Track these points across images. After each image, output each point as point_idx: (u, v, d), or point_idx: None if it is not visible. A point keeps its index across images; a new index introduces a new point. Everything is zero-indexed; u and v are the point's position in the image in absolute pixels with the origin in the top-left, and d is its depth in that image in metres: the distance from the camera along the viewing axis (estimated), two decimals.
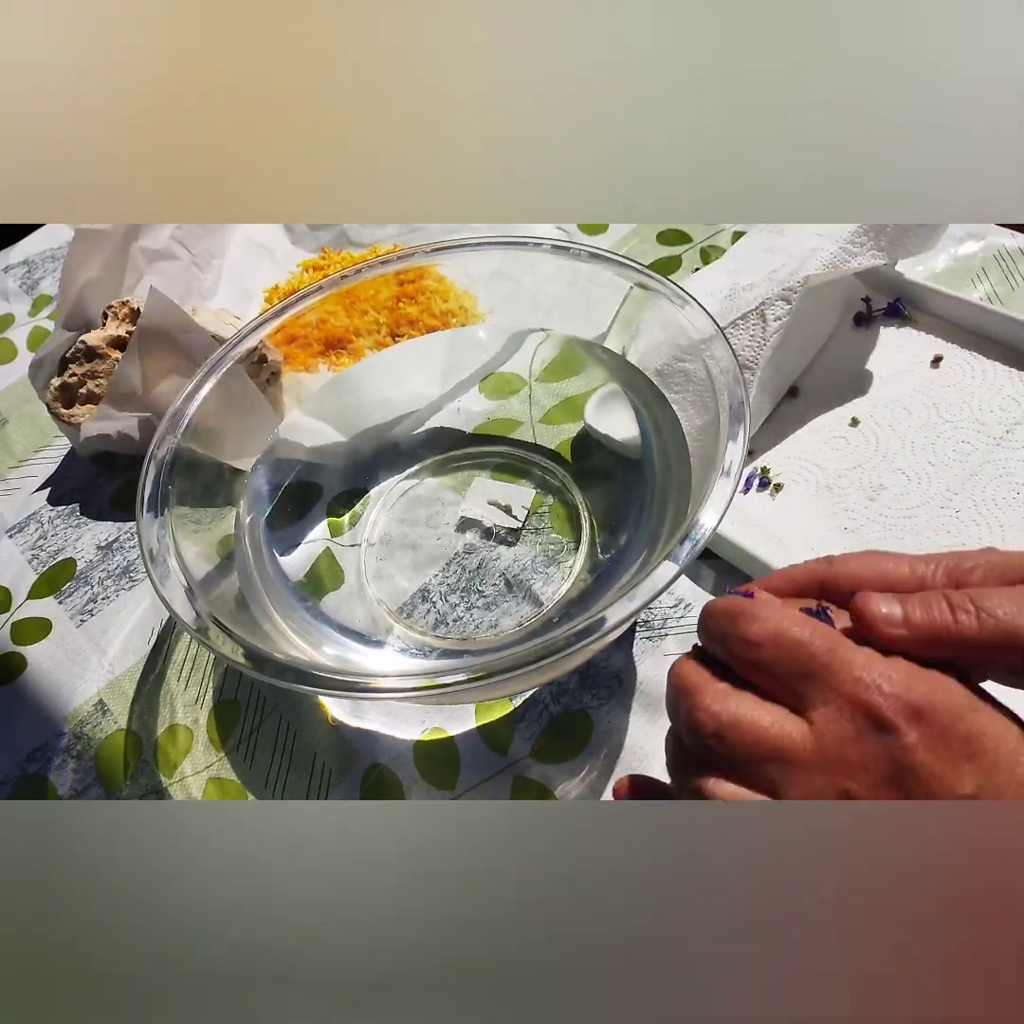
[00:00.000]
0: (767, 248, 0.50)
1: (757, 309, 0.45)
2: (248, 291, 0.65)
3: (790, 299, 0.44)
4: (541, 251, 0.46)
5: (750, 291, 0.46)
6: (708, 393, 0.38)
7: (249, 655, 0.33)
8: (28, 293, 0.71)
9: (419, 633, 0.43)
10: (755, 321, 0.44)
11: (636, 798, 0.29)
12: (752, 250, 0.52)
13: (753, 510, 0.46)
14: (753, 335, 0.44)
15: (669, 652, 0.42)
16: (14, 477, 0.57)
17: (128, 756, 0.43)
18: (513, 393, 0.52)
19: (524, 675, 0.31)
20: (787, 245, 0.49)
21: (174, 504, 0.39)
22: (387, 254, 0.49)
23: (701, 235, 0.63)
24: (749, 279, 0.47)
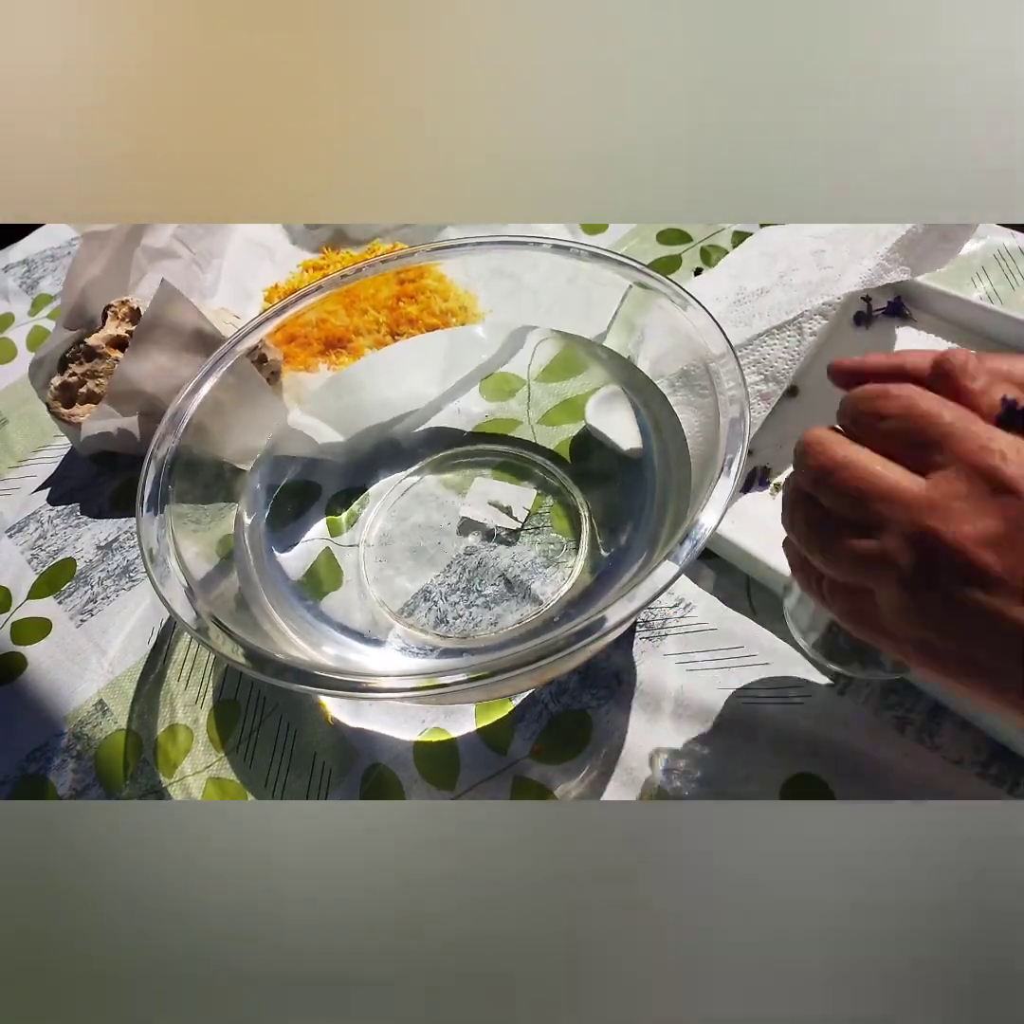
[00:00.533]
0: (761, 252, 0.50)
1: (794, 321, 0.44)
2: (248, 291, 0.65)
3: (827, 314, 0.43)
4: (541, 250, 0.46)
5: (765, 296, 0.45)
6: (708, 393, 0.38)
7: (249, 655, 0.33)
8: (28, 292, 0.71)
9: (419, 631, 0.44)
10: (791, 333, 0.44)
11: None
12: (747, 254, 0.52)
13: (753, 510, 0.46)
14: (788, 347, 0.44)
15: (669, 652, 0.42)
16: (14, 477, 0.57)
17: (128, 756, 0.43)
18: (512, 393, 0.52)
19: (524, 675, 0.31)
20: (783, 246, 0.49)
21: (174, 503, 0.39)
22: (387, 253, 0.49)
23: (701, 235, 0.63)
24: (757, 283, 0.47)
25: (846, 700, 0.39)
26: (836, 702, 0.39)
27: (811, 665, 0.40)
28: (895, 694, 0.39)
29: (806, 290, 0.44)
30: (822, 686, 0.40)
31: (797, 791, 0.37)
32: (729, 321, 0.45)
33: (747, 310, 0.46)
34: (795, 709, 0.39)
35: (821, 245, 0.48)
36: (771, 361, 0.44)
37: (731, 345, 0.38)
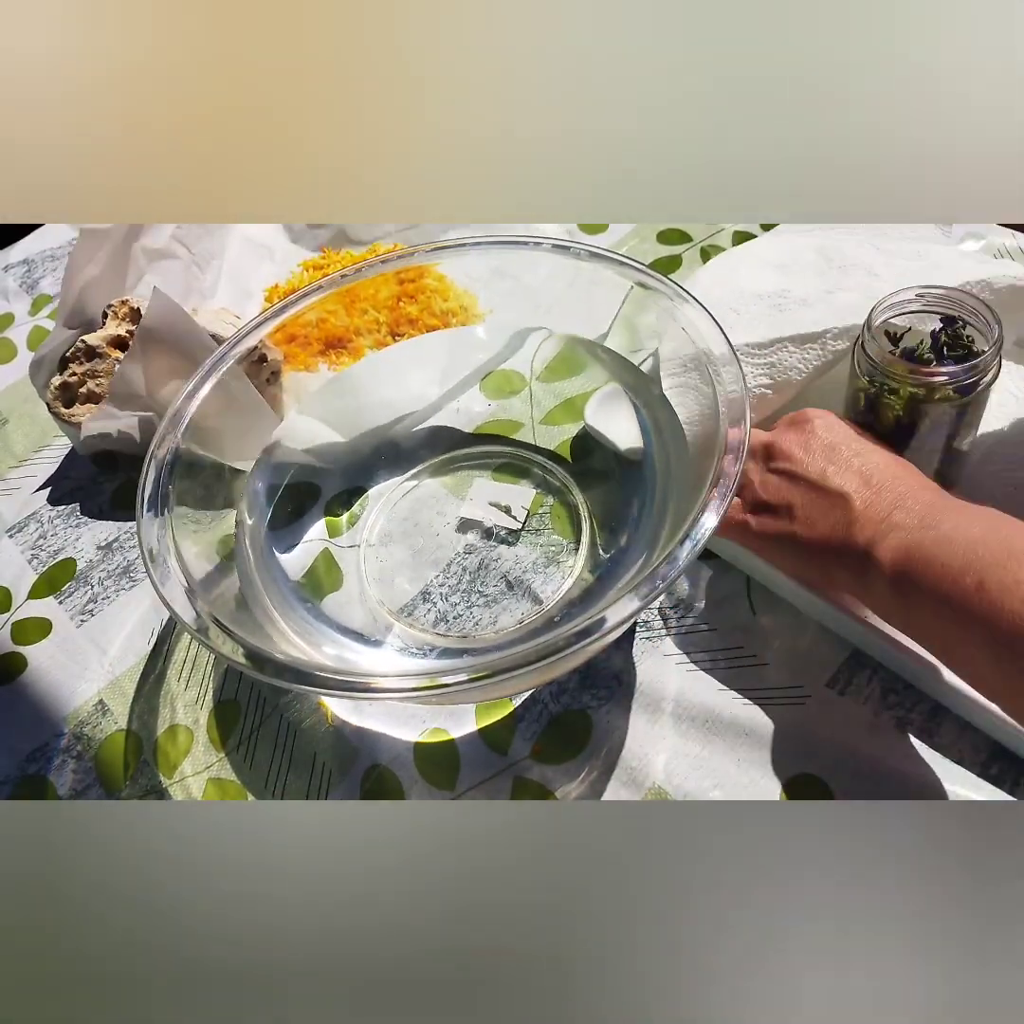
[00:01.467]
0: (818, 249, 0.48)
1: (820, 338, 0.43)
2: (248, 291, 0.65)
3: (851, 337, 0.43)
4: (541, 250, 0.46)
5: (806, 309, 0.44)
6: (708, 392, 0.38)
7: (249, 655, 0.33)
8: (28, 292, 0.71)
9: (419, 631, 0.43)
10: (812, 346, 0.43)
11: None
12: (799, 247, 0.49)
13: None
14: (804, 358, 0.43)
15: (669, 652, 0.42)
16: (14, 477, 0.57)
17: (128, 756, 0.43)
18: (514, 393, 0.52)
19: (525, 675, 0.31)
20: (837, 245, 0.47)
21: (174, 504, 0.39)
22: (387, 253, 0.49)
23: (701, 235, 0.63)
24: (803, 289, 0.45)
25: (846, 700, 0.39)
26: (836, 702, 0.39)
27: (807, 665, 0.40)
28: (895, 694, 0.39)
29: (848, 311, 0.43)
30: (822, 686, 0.40)
31: (797, 791, 0.37)
32: (764, 324, 0.44)
33: (784, 320, 0.45)
34: (795, 709, 0.39)
35: (878, 267, 0.46)
36: (786, 369, 0.43)
37: (732, 346, 0.38)
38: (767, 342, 0.44)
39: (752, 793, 0.37)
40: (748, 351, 0.44)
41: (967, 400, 0.38)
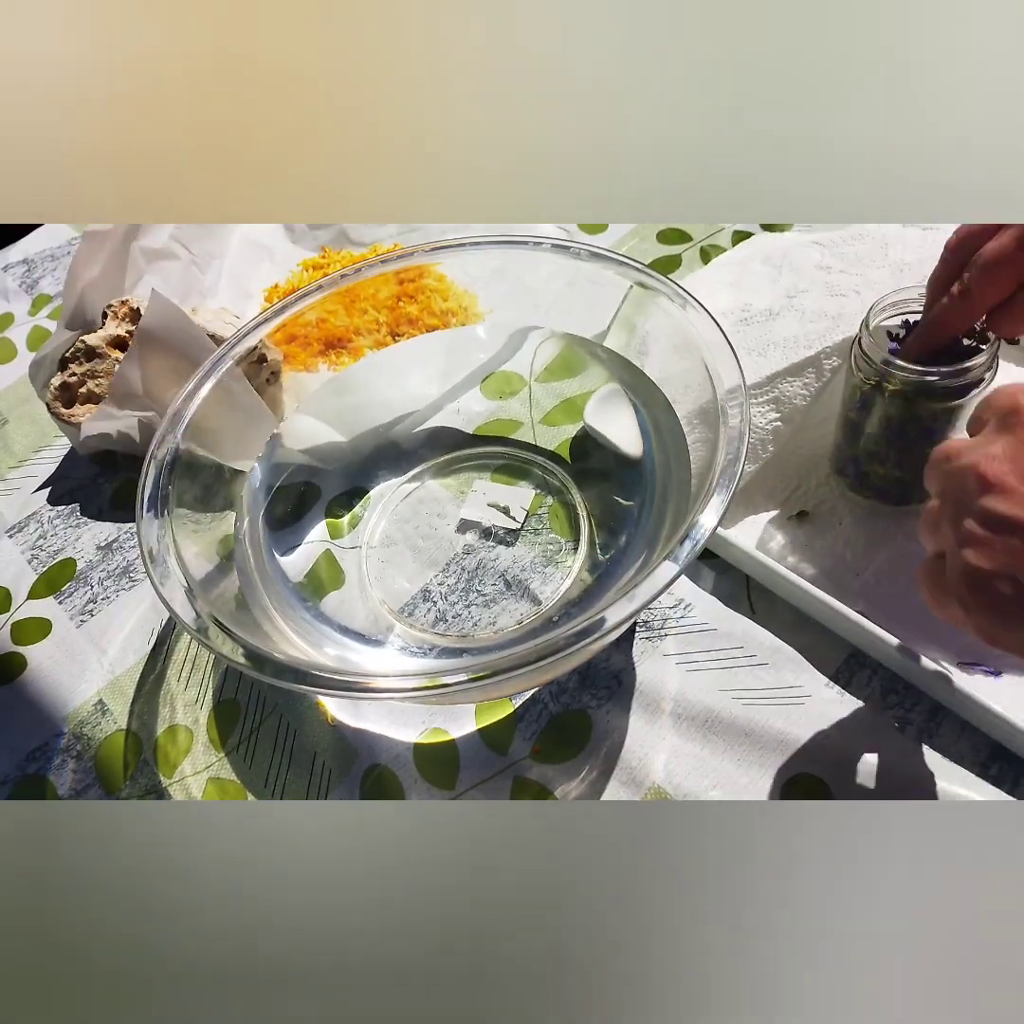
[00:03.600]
0: (765, 259, 0.49)
1: (814, 360, 0.43)
2: (248, 291, 0.65)
3: (842, 354, 0.43)
4: (541, 250, 0.46)
5: (775, 320, 0.44)
6: (708, 392, 0.38)
7: (249, 655, 0.33)
8: (28, 292, 0.71)
9: (419, 630, 0.44)
10: (809, 371, 0.43)
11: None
12: (745, 254, 0.51)
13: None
14: (806, 383, 0.43)
15: (669, 652, 0.42)
16: (14, 477, 0.57)
17: (128, 756, 0.43)
18: (513, 394, 0.52)
19: (524, 675, 0.31)
20: (783, 251, 0.48)
21: (174, 504, 0.39)
22: (387, 253, 0.49)
23: (701, 234, 0.63)
24: (763, 300, 0.46)
25: (846, 700, 0.39)
26: (836, 702, 0.39)
27: (807, 665, 0.40)
28: (895, 694, 0.39)
29: (824, 324, 0.43)
30: (822, 686, 0.40)
31: (797, 791, 0.37)
32: (742, 348, 0.44)
33: (757, 334, 0.45)
34: (795, 709, 0.39)
35: (826, 259, 0.47)
36: (790, 399, 0.44)
37: (731, 346, 0.38)
38: (764, 380, 0.44)
39: (752, 793, 0.37)
40: (750, 393, 0.44)
41: (963, 401, 0.38)
